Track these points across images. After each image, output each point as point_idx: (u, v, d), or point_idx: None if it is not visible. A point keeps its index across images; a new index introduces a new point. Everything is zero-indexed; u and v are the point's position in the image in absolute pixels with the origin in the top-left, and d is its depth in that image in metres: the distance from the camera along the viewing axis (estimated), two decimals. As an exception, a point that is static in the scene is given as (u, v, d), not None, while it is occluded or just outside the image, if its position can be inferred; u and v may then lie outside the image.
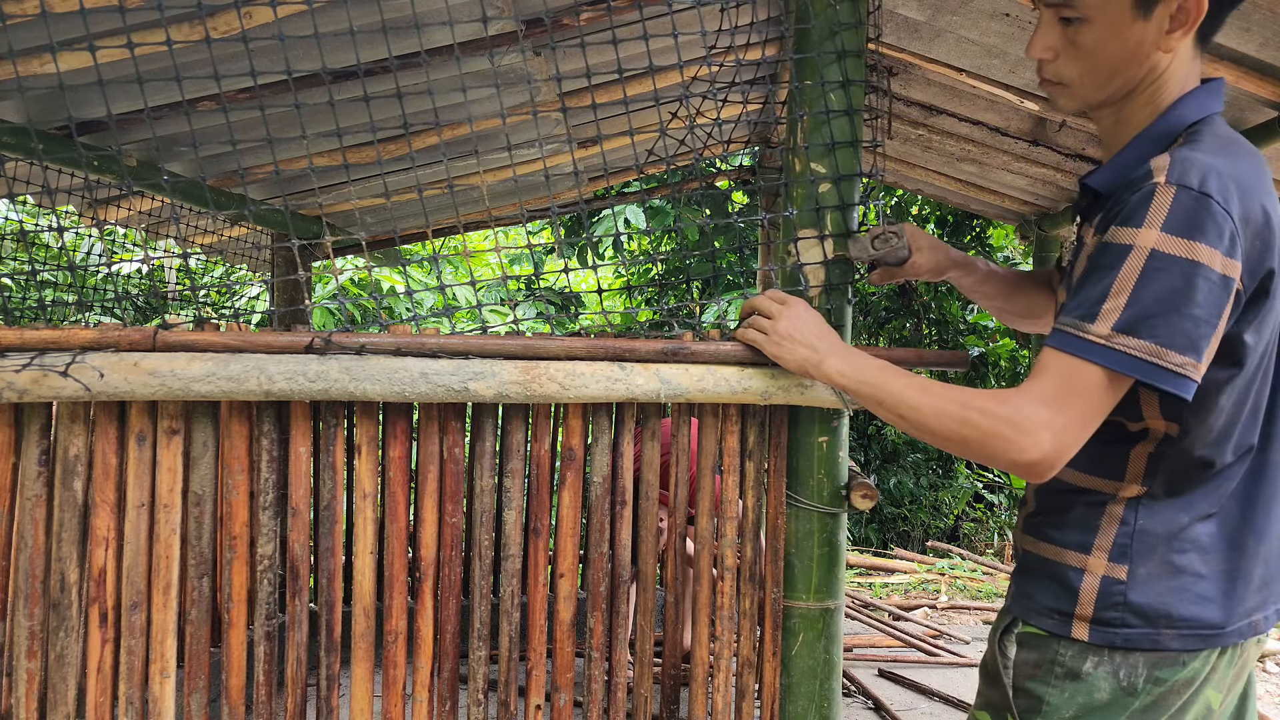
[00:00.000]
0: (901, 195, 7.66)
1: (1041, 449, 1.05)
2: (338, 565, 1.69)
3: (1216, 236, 0.99)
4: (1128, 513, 1.12)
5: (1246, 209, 1.01)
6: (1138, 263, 1.00)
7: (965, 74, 2.96)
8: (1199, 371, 1.01)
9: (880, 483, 7.73)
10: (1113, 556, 1.12)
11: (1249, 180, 1.03)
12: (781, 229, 1.81)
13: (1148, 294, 1.00)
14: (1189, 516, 1.11)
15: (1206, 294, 0.99)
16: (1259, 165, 1.08)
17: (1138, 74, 1.13)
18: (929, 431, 1.16)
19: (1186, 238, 0.99)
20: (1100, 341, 1.02)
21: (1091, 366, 1.03)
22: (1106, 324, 1.02)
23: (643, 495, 1.80)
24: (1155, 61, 1.12)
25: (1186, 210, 0.99)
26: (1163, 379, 1.00)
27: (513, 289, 8.70)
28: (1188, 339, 1.00)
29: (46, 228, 1.79)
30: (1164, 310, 0.99)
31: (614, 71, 1.82)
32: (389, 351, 1.57)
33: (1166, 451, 1.11)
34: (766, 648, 1.82)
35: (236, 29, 2.02)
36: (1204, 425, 1.10)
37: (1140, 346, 1.00)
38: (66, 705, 1.57)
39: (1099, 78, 1.14)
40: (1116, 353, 1.01)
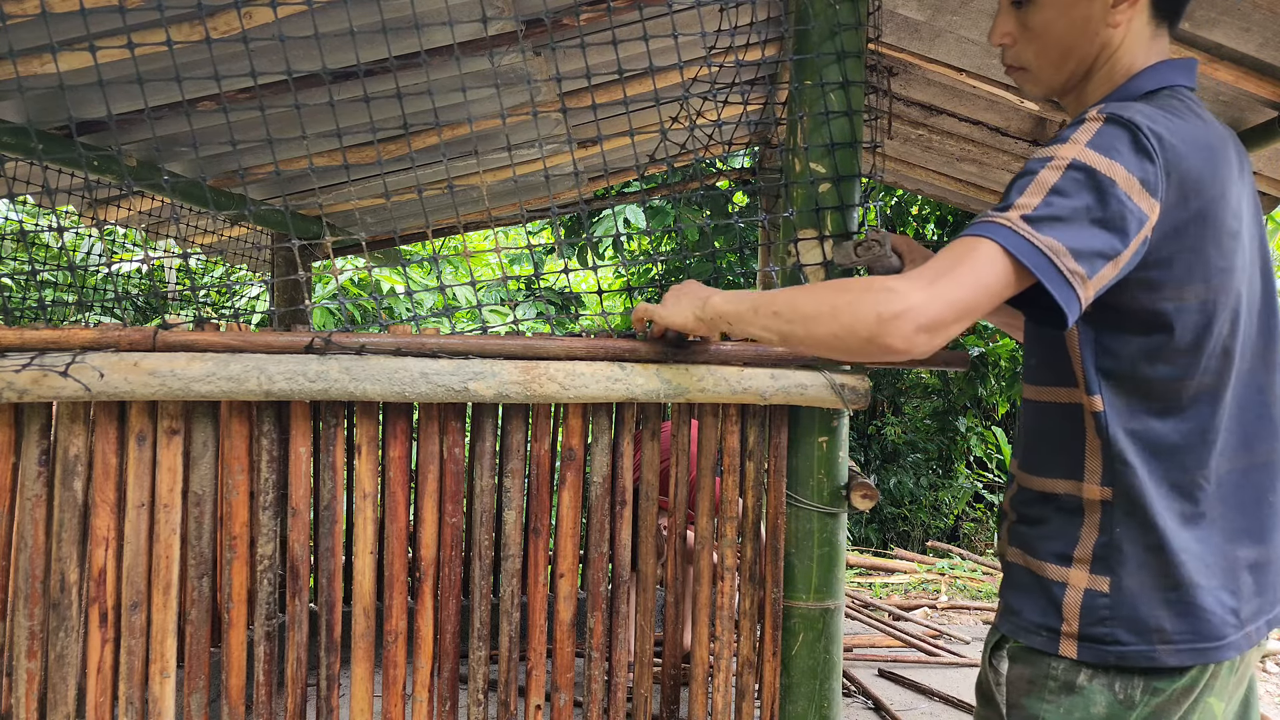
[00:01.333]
0: (901, 195, 7.66)
1: (904, 302, 0.96)
2: (338, 565, 1.69)
3: (1137, 165, 0.97)
4: (1104, 519, 1.08)
5: (1175, 156, 0.98)
6: (1056, 170, 0.98)
7: (965, 74, 2.96)
8: (1086, 291, 0.97)
9: (880, 483, 7.73)
10: (1094, 568, 1.08)
11: (1191, 137, 1.01)
12: (781, 229, 1.81)
13: (1062, 199, 0.97)
14: (1170, 521, 1.06)
15: (1119, 217, 0.96)
16: (1212, 132, 1.04)
17: (1090, 51, 1.13)
18: (802, 314, 1.09)
19: (1107, 155, 0.97)
20: (1005, 224, 0.98)
21: (988, 242, 0.98)
22: (1017, 213, 0.98)
23: (643, 495, 1.80)
24: (1106, 38, 1.12)
25: (1111, 134, 0.98)
26: (1054, 280, 0.95)
27: (513, 289, 8.70)
28: (1089, 251, 0.96)
29: (46, 228, 1.79)
30: (1074, 218, 0.96)
31: (614, 72, 1.82)
32: (389, 351, 1.58)
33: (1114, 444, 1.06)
34: (766, 648, 1.82)
35: (236, 29, 2.02)
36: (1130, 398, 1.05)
37: (1043, 240, 0.96)
38: (66, 705, 1.57)
39: (1053, 57, 1.15)
40: (1019, 237, 0.97)
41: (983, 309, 0.99)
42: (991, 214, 1.00)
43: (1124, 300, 1.03)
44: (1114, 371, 1.06)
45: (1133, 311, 1.03)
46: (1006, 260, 0.97)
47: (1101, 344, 1.06)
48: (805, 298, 1.11)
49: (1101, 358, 1.06)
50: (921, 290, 0.97)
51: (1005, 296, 1.00)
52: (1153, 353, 1.04)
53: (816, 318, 1.07)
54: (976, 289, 0.97)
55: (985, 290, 0.97)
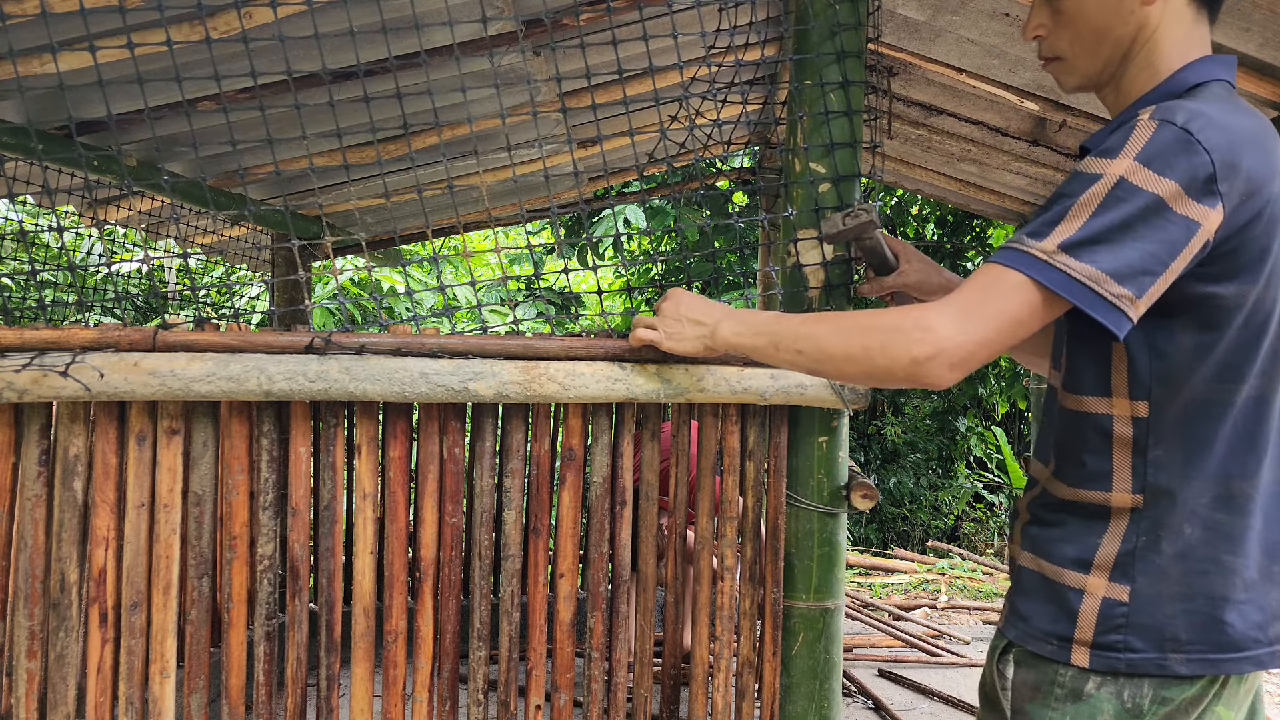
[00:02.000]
0: (901, 195, 7.66)
1: (935, 344, 0.97)
2: (338, 565, 1.69)
3: (1189, 175, 0.93)
4: (1130, 527, 1.04)
5: (1234, 157, 0.95)
6: (1102, 190, 0.95)
7: (965, 74, 2.96)
8: (1136, 309, 0.95)
9: (880, 483, 7.73)
10: (1113, 576, 1.04)
11: (1246, 133, 0.97)
12: (781, 229, 1.81)
13: (1103, 220, 0.94)
14: (1204, 532, 1.01)
15: (1165, 232, 0.93)
16: (1264, 126, 1.00)
17: (1126, 33, 1.09)
18: (830, 355, 1.10)
19: (1156, 171, 0.94)
20: (1040, 256, 0.96)
21: (1020, 276, 0.96)
22: (1053, 242, 0.96)
23: (643, 495, 1.80)
24: (1143, 19, 1.07)
25: (1163, 143, 0.94)
26: (1098, 307, 0.94)
27: (513, 289, 8.70)
28: (1133, 271, 0.94)
29: (46, 228, 1.79)
30: (1116, 239, 0.94)
31: (614, 72, 1.82)
32: (389, 351, 1.58)
33: (1151, 451, 1.03)
34: (766, 648, 1.82)
35: (236, 29, 2.02)
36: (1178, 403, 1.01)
37: (1081, 270, 0.94)
38: (66, 705, 1.57)
39: (1088, 42, 1.11)
40: (1054, 270, 0.95)
41: (1015, 342, 0.99)
42: (1026, 241, 0.98)
43: (1179, 298, 0.99)
44: (1163, 375, 1.02)
45: (1188, 309, 0.99)
46: (1039, 293, 0.96)
47: (1153, 346, 1.02)
48: (832, 339, 1.10)
49: (1154, 360, 1.02)
50: (952, 327, 0.97)
51: (1041, 326, 0.99)
52: (1204, 353, 1.00)
53: (848, 359, 1.08)
54: (1006, 326, 0.97)
55: (1017, 325, 0.97)
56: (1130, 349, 1.03)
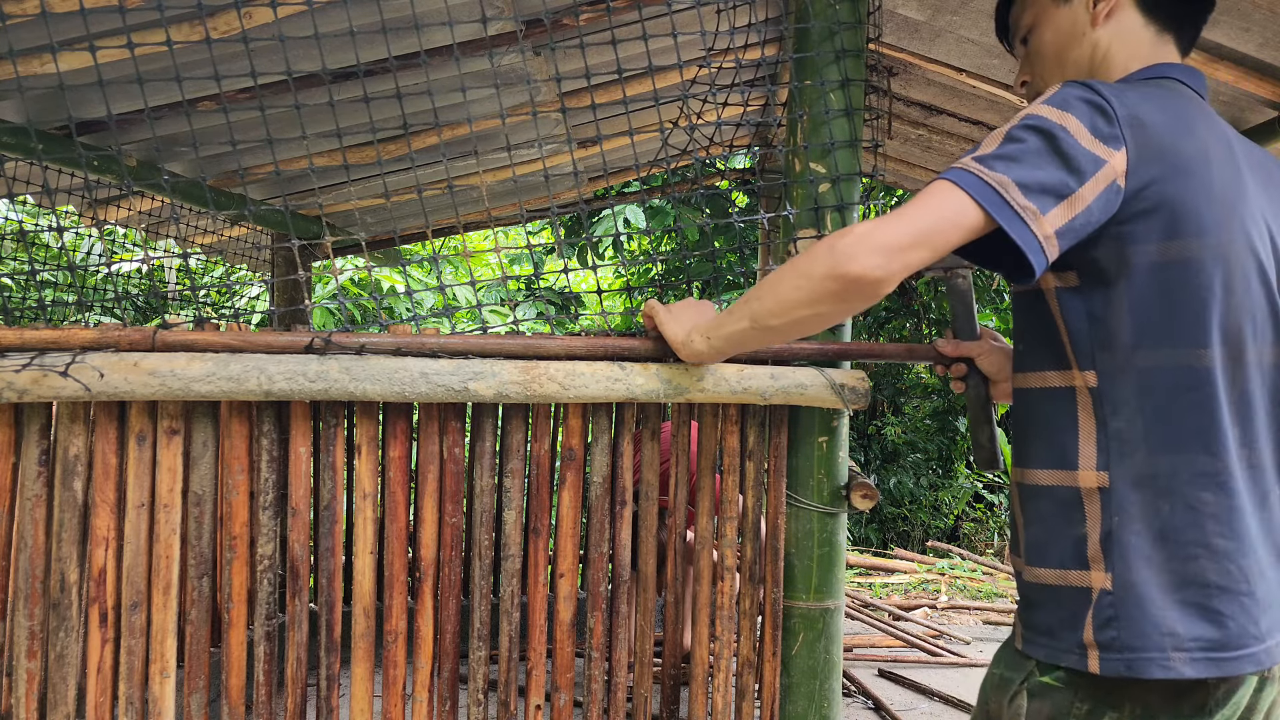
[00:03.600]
0: (901, 195, 7.66)
1: (856, 233, 1.01)
2: (338, 565, 1.69)
3: (1090, 115, 0.99)
4: (1103, 509, 1.01)
5: (1136, 111, 1.00)
6: (1016, 121, 1.02)
7: (965, 74, 2.96)
8: (1041, 227, 0.97)
9: (880, 483, 7.73)
10: (1108, 566, 1.00)
11: (1156, 102, 1.02)
12: (781, 229, 1.81)
13: (1013, 144, 1.00)
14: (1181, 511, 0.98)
15: (1070, 160, 0.98)
16: (1182, 105, 1.05)
17: (1082, 54, 1.17)
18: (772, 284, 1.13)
19: (1062, 108, 1.00)
20: (959, 165, 1.01)
21: (941, 181, 1.01)
22: (970, 157, 1.02)
23: (643, 495, 1.80)
24: (1094, 39, 1.15)
25: (1067, 92, 1.01)
26: (1005, 214, 0.97)
27: (513, 289, 8.70)
28: (1040, 187, 0.98)
29: (46, 228, 1.79)
30: (1023, 156, 0.99)
31: (614, 71, 1.82)
32: (389, 351, 1.58)
33: (1110, 422, 1.01)
34: (766, 648, 1.82)
35: (236, 29, 2.02)
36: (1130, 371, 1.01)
37: (992, 175, 0.98)
38: (66, 705, 1.57)
39: (1053, 69, 1.20)
40: (968, 173, 0.99)
41: (939, 240, 1.00)
42: (957, 160, 1.04)
43: (1107, 256, 1.01)
44: (1104, 341, 1.02)
45: (1117, 269, 1.01)
46: (959, 194, 0.99)
47: (1091, 311, 1.03)
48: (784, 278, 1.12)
49: (1094, 326, 1.03)
50: (872, 222, 1.01)
51: (966, 232, 1.00)
52: (1143, 316, 1.00)
53: (779, 280, 1.10)
54: (929, 218, 0.99)
55: (939, 218, 0.99)
56: (1066, 314, 1.05)
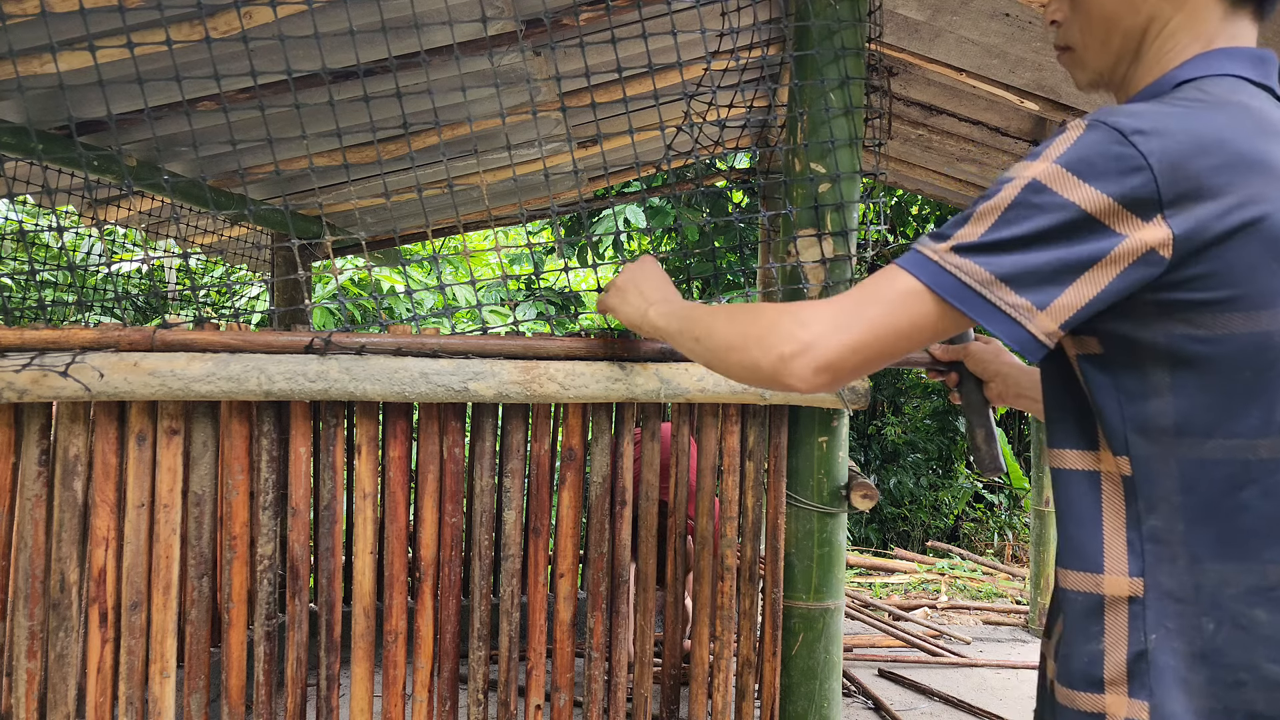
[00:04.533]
0: (901, 195, 7.66)
1: (803, 340, 0.88)
2: (338, 565, 1.69)
3: (1117, 182, 0.80)
4: (1131, 623, 0.85)
5: (1187, 161, 0.80)
6: (1012, 192, 0.83)
7: (965, 74, 2.96)
8: (1040, 323, 0.82)
9: (880, 483, 7.73)
10: (1131, 690, 0.84)
11: (1210, 133, 0.81)
12: (781, 228, 1.81)
13: (1008, 225, 0.83)
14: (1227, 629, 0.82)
15: (1079, 243, 0.81)
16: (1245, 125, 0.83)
17: (1136, 25, 0.96)
18: (719, 343, 1.01)
19: (1076, 174, 0.81)
20: (933, 257, 0.85)
21: (908, 276, 0.86)
22: (949, 244, 0.85)
23: (643, 495, 1.80)
24: (1155, 10, 0.95)
25: (1089, 145, 0.81)
26: (991, 317, 0.82)
27: (513, 289, 8.71)
28: (1034, 280, 0.82)
29: (46, 228, 1.79)
30: (1020, 245, 0.82)
31: (614, 71, 1.82)
32: (389, 351, 1.58)
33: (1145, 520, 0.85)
34: (766, 648, 1.82)
35: (236, 29, 2.02)
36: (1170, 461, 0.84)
37: (974, 273, 0.83)
38: (66, 705, 1.57)
39: (1098, 34, 0.99)
40: (944, 272, 0.84)
41: (899, 350, 0.88)
42: (926, 242, 0.88)
43: (1142, 329, 0.84)
44: (1140, 424, 0.85)
45: (1157, 343, 0.83)
46: (927, 299, 0.85)
47: (1120, 387, 0.86)
48: (725, 325, 1.02)
49: (1128, 406, 0.86)
50: (826, 324, 0.88)
51: (935, 337, 0.88)
52: (1195, 399, 0.83)
53: (730, 348, 0.99)
54: (885, 331, 0.87)
55: (896, 332, 0.87)
56: (1095, 393, 0.89)
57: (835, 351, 0.88)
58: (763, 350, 0.92)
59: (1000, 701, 3.58)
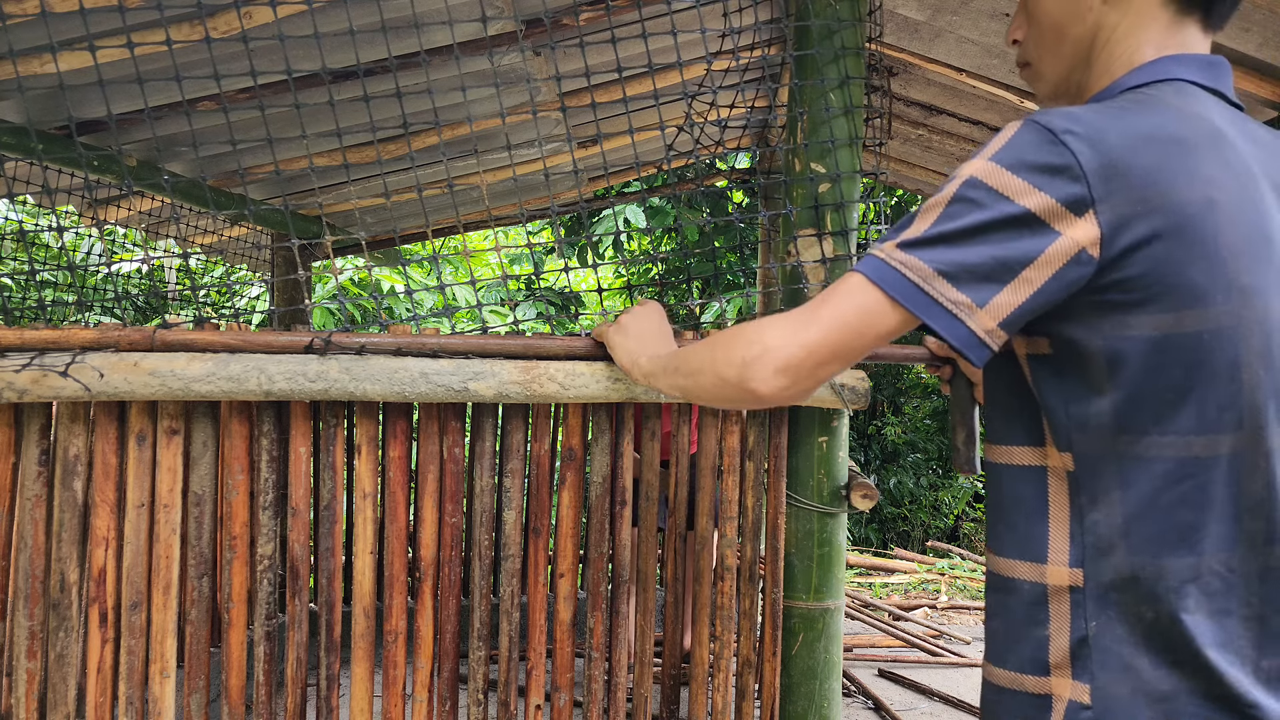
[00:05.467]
0: (901, 195, 7.66)
1: (761, 345, 0.91)
2: (338, 565, 1.69)
3: (1047, 178, 0.82)
4: (1074, 610, 0.88)
5: (1117, 160, 0.82)
6: (952, 189, 0.86)
7: (965, 74, 2.96)
8: (980, 321, 0.84)
9: (880, 483, 7.73)
10: (1075, 673, 0.88)
11: (1147, 136, 0.83)
12: (781, 228, 1.81)
13: (948, 221, 0.85)
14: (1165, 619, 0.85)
15: (1015, 239, 0.83)
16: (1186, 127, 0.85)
17: (1084, 33, 0.99)
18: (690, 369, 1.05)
19: (1010, 169, 0.84)
20: (880, 256, 0.88)
21: (857, 276, 0.89)
22: (894, 242, 0.88)
23: (643, 495, 1.80)
24: (1100, 17, 0.98)
25: (1023, 143, 0.84)
26: (932, 312, 0.85)
27: (513, 289, 8.71)
28: (972, 276, 0.84)
29: (46, 228, 1.79)
30: (959, 240, 0.84)
31: (614, 71, 1.82)
32: (389, 351, 1.58)
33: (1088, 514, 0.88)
34: (766, 648, 1.82)
35: (236, 29, 2.03)
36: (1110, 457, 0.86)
37: (916, 268, 0.85)
38: (66, 705, 1.57)
39: (1049, 44, 1.02)
40: (888, 268, 0.87)
41: (853, 348, 0.90)
42: (877, 244, 0.91)
43: (1082, 328, 0.87)
44: (1081, 421, 0.88)
45: (1096, 342, 0.86)
46: (874, 293, 0.88)
47: (1065, 386, 0.89)
48: (697, 352, 1.06)
49: (1071, 405, 0.89)
50: (784, 328, 0.91)
51: (885, 334, 0.90)
52: (1131, 398, 0.85)
53: (699, 370, 1.03)
54: (837, 328, 0.89)
55: (848, 329, 0.89)
56: (1042, 392, 0.91)
57: (791, 352, 0.90)
58: (727, 362, 0.96)
59: (1000, 701, 3.58)
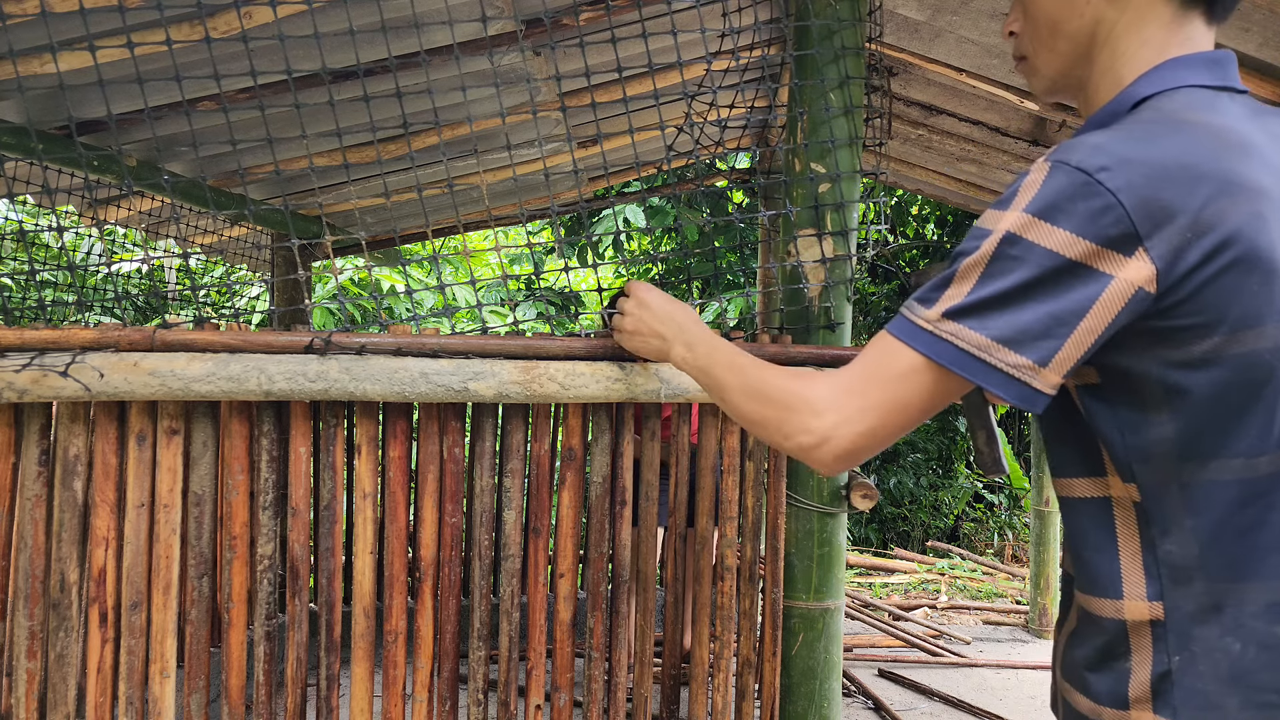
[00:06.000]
0: (901, 195, 7.66)
1: (820, 432, 0.91)
2: (338, 565, 1.69)
3: (1091, 223, 0.80)
4: (1155, 645, 0.86)
5: (1156, 192, 0.79)
6: (989, 247, 0.84)
7: (965, 74, 2.96)
8: (1042, 378, 0.83)
9: (880, 483, 7.73)
10: (1156, 708, 0.85)
11: (1174, 159, 0.81)
12: (781, 228, 1.81)
13: (993, 282, 0.83)
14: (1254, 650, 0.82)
15: (1067, 290, 0.81)
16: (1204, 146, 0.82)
17: (1081, 29, 0.96)
18: (742, 415, 1.05)
19: (1048, 220, 0.81)
20: (926, 326, 0.86)
21: (907, 350, 0.87)
22: (938, 310, 0.86)
23: (642, 495, 1.80)
24: (1098, 13, 0.95)
25: (1056, 190, 0.81)
26: (992, 379, 0.83)
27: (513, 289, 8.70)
28: (1029, 336, 0.82)
29: (46, 228, 1.79)
30: (1008, 302, 0.82)
31: (614, 71, 1.82)
32: (389, 351, 1.58)
33: (1160, 544, 0.86)
34: (766, 648, 1.82)
35: (236, 29, 2.03)
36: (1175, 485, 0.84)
37: (971, 339, 0.83)
38: (66, 705, 1.57)
39: (1045, 39, 1.00)
40: (940, 340, 0.85)
41: (910, 423, 0.90)
42: (915, 308, 0.89)
43: (1134, 357, 0.84)
44: (1141, 453, 0.86)
45: (1150, 371, 0.84)
46: (930, 370, 0.87)
47: (1119, 416, 0.86)
48: (740, 399, 1.06)
49: (1129, 434, 0.86)
50: (838, 415, 0.91)
51: (941, 404, 0.89)
52: (1191, 423, 0.83)
53: (753, 424, 1.04)
54: (896, 411, 0.89)
55: (908, 409, 0.89)
56: (1096, 423, 0.89)
57: (851, 441, 0.91)
58: (784, 437, 0.97)
59: (1000, 701, 3.58)
